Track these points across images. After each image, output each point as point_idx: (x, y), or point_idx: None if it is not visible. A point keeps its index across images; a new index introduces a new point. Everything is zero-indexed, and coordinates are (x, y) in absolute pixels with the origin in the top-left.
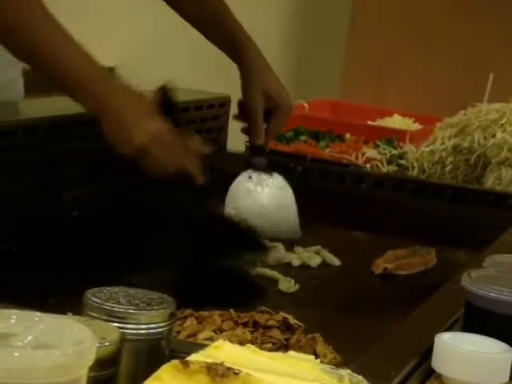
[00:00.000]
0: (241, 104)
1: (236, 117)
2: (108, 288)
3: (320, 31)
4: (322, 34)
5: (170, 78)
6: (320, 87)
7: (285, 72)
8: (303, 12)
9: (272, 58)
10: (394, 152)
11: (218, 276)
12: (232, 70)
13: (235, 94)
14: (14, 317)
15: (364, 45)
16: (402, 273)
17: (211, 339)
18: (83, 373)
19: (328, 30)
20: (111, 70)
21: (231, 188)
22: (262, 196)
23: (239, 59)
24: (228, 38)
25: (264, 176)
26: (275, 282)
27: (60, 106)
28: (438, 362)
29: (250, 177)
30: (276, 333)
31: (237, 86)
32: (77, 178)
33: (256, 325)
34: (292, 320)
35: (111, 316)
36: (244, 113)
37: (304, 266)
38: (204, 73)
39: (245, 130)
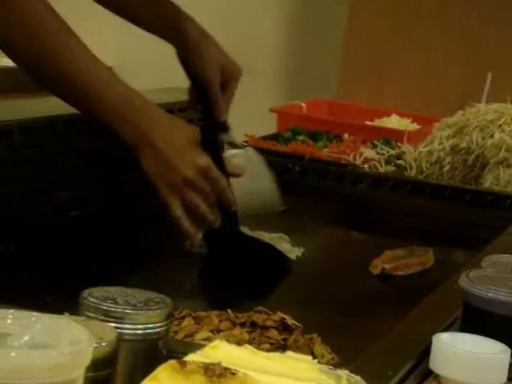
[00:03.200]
0: (193, 89)
1: (189, 105)
2: (105, 288)
3: (317, 31)
4: (320, 34)
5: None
6: (318, 87)
7: (282, 72)
8: (300, 12)
9: (270, 58)
10: (392, 152)
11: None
12: None
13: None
14: (11, 316)
15: (362, 45)
16: (400, 273)
17: (208, 339)
18: (80, 373)
19: (325, 30)
20: (109, 69)
21: None
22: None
23: (183, 38)
24: (168, 18)
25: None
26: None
27: (57, 105)
28: (436, 363)
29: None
30: (273, 333)
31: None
32: (75, 178)
33: (253, 325)
34: (290, 320)
35: (108, 316)
36: (195, 98)
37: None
38: None
39: (200, 110)
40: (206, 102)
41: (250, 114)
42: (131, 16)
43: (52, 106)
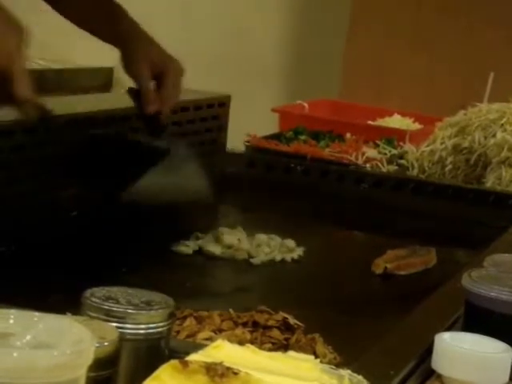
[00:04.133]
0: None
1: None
2: (107, 288)
3: (320, 31)
4: (322, 34)
5: None
6: (320, 87)
7: (285, 72)
8: (302, 11)
9: (272, 58)
10: (394, 152)
11: None
12: (232, 69)
13: (236, 94)
14: (13, 316)
15: (364, 44)
16: (402, 272)
17: (210, 339)
18: (82, 373)
19: (328, 30)
20: (111, 70)
21: None
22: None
23: (116, 34)
24: (106, 20)
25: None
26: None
27: (59, 105)
28: (438, 362)
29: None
30: (276, 333)
31: (237, 84)
32: (76, 178)
33: (255, 325)
34: (292, 320)
35: (110, 316)
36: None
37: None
38: (204, 72)
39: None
40: (139, 99)
41: (252, 114)
42: (73, 19)
43: (54, 106)
